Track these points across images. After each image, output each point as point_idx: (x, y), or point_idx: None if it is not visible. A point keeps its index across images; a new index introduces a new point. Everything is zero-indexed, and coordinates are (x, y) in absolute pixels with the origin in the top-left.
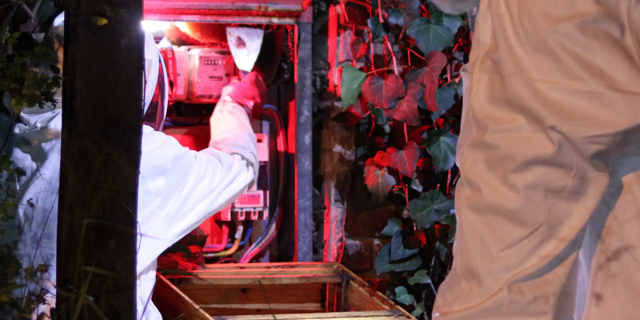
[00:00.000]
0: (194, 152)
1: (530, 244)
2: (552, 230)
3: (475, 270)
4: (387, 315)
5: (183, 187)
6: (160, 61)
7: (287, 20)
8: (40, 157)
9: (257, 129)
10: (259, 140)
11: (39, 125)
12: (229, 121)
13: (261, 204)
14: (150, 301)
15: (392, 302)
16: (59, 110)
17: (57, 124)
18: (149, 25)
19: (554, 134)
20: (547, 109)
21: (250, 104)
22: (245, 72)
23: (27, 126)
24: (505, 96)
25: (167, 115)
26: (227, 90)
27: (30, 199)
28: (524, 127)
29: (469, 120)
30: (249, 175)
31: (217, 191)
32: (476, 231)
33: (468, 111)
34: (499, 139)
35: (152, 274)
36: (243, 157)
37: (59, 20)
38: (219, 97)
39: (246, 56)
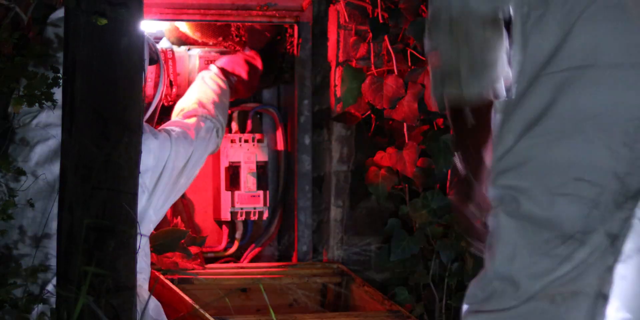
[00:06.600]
0: (166, 131)
1: (565, 251)
2: (585, 237)
3: (508, 274)
4: (387, 315)
5: (163, 170)
6: (159, 61)
7: (287, 20)
8: (23, 152)
9: (257, 129)
10: (259, 141)
11: (26, 121)
12: (207, 86)
13: (261, 204)
14: (152, 296)
15: (392, 302)
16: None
17: (39, 122)
18: (149, 25)
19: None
20: None
21: (234, 79)
22: (251, 50)
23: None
24: None
25: (166, 115)
26: (219, 61)
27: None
28: None
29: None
30: (215, 139)
31: (190, 163)
32: (511, 237)
33: None
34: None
35: (147, 273)
36: (212, 122)
37: (54, 17)
38: None
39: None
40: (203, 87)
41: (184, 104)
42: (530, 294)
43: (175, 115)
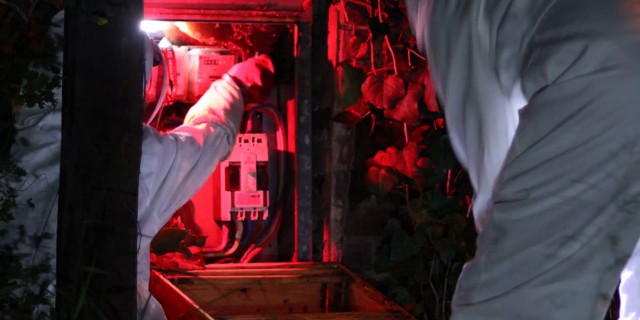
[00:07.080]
0: (173, 135)
1: (551, 250)
2: (577, 237)
3: (498, 268)
4: (387, 315)
5: (168, 173)
6: (161, 61)
7: (287, 20)
8: (28, 155)
9: (257, 129)
10: (259, 141)
11: (30, 123)
12: (219, 94)
13: (261, 204)
14: (152, 297)
15: (392, 302)
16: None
17: (45, 124)
18: (149, 25)
19: None
20: None
21: (248, 85)
22: (261, 53)
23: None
24: None
25: (167, 116)
26: (232, 70)
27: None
28: None
29: None
30: (225, 145)
31: (198, 168)
32: (502, 230)
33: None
34: None
35: (147, 274)
36: (222, 128)
37: (57, 18)
38: None
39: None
40: (215, 95)
41: (195, 111)
42: (514, 285)
43: (186, 121)
